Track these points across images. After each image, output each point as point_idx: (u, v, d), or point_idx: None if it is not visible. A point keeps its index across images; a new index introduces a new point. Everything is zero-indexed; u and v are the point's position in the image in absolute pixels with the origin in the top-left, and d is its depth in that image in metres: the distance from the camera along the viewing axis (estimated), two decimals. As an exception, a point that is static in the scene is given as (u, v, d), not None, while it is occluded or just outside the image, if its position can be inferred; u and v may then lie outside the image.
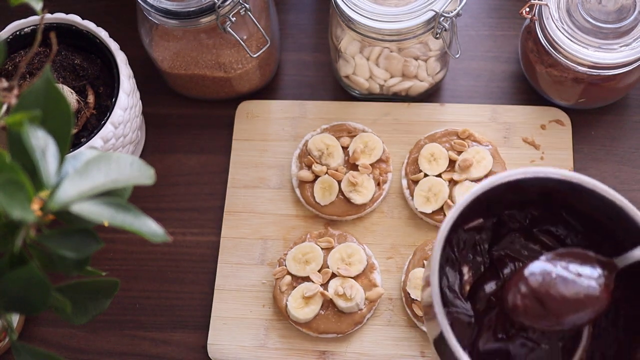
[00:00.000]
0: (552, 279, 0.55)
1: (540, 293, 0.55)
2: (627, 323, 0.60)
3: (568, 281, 0.55)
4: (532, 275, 0.56)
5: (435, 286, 0.53)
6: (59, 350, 0.74)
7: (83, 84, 0.74)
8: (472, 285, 0.64)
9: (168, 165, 0.82)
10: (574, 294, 0.55)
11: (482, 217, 0.63)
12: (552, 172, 0.57)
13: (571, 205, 0.60)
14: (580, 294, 0.55)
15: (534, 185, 0.58)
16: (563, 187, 0.57)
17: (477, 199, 0.56)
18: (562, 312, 0.55)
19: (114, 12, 0.88)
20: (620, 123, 0.79)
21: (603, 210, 0.58)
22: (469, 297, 0.63)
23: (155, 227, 0.40)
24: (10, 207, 0.36)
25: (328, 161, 0.76)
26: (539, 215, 0.63)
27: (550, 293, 0.55)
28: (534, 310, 0.55)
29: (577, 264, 0.56)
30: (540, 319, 0.55)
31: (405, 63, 0.75)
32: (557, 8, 0.71)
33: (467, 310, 0.62)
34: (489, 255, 0.65)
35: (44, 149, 0.39)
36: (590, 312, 0.55)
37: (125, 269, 0.78)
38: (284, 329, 0.73)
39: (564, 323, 0.55)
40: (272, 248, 0.76)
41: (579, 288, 0.55)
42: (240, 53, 0.76)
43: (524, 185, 0.58)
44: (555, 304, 0.55)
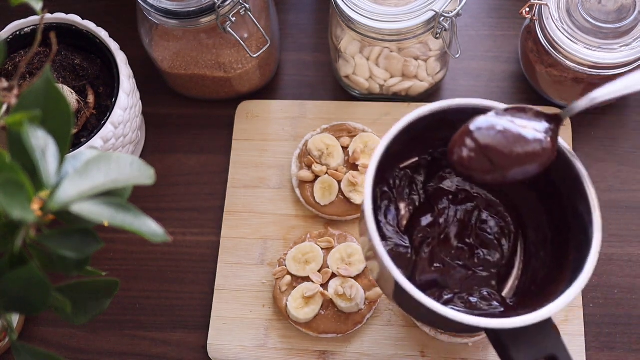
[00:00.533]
0: (498, 132, 0.55)
1: (485, 146, 0.55)
2: (553, 248, 0.63)
3: (514, 134, 0.55)
4: (477, 129, 0.55)
5: (370, 219, 0.56)
6: (59, 350, 0.74)
7: (83, 84, 0.74)
8: (409, 220, 0.67)
9: (168, 165, 0.82)
10: (520, 146, 0.54)
11: (417, 156, 0.66)
12: (472, 101, 0.59)
13: None
14: (526, 146, 0.54)
15: (460, 116, 0.58)
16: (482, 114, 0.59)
17: (404, 131, 0.59)
18: (507, 165, 0.55)
19: (114, 12, 0.88)
20: (620, 123, 0.79)
21: None
22: (406, 231, 0.67)
23: (155, 227, 0.40)
24: (10, 207, 0.36)
25: (328, 161, 0.76)
26: None
27: (495, 146, 0.54)
28: (479, 163, 0.55)
29: (523, 118, 0.56)
30: (486, 172, 0.55)
31: (405, 63, 0.75)
32: (557, 8, 0.71)
33: (405, 243, 0.65)
34: (424, 192, 0.68)
35: (44, 149, 0.39)
36: (536, 166, 0.55)
37: (125, 269, 0.78)
38: (284, 329, 0.73)
39: (510, 176, 0.55)
40: (272, 248, 0.76)
41: (525, 141, 0.54)
42: (240, 53, 0.76)
43: (451, 118, 0.59)
44: (501, 157, 0.54)
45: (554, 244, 0.63)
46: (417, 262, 0.65)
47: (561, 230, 0.62)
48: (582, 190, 0.57)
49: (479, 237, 0.67)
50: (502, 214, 0.68)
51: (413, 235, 0.66)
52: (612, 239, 0.74)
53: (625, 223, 0.75)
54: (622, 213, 0.76)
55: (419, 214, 0.67)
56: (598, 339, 0.71)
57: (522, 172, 0.55)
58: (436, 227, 0.67)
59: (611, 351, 0.70)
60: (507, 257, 0.67)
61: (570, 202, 0.60)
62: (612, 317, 0.72)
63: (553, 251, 0.63)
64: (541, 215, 0.65)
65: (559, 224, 0.62)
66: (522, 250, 0.67)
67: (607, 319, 0.72)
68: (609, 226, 0.75)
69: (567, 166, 0.58)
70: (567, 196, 0.60)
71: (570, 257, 0.59)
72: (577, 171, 0.58)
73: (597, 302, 0.72)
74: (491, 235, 0.67)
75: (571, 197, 0.59)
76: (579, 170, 0.58)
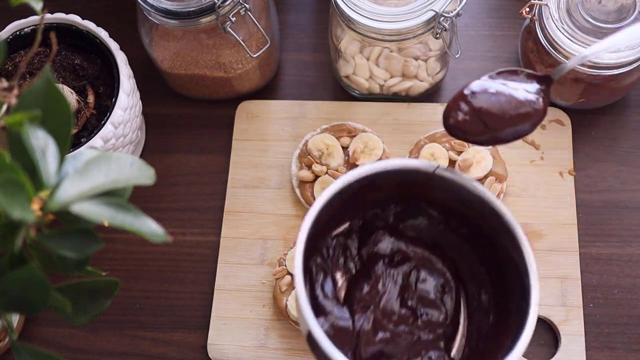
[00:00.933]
0: (491, 94, 0.56)
1: (479, 109, 0.56)
2: (494, 299, 0.62)
3: (506, 96, 0.56)
4: (471, 93, 0.57)
5: (302, 296, 0.53)
6: (59, 350, 0.74)
7: (83, 84, 0.74)
8: (346, 290, 0.65)
9: (168, 165, 0.82)
10: (513, 108, 0.56)
11: (349, 220, 0.64)
12: (398, 163, 0.59)
13: (427, 194, 0.62)
14: (519, 108, 0.56)
15: (388, 179, 0.59)
16: (413, 177, 0.59)
17: (332, 199, 0.57)
18: (501, 126, 0.56)
19: (114, 12, 0.88)
20: (620, 123, 0.79)
21: (457, 195, 0.60)
22: (345, 301, 0.64)
23: (155, 227, 0.40)
24: (10, 207, 0.36)
25: (328, 161, 0.76)
26: (401, 211, 0.65)
27: (488, 109, 0.56)
28: (473, 125, 0.57)
29: (515, 80, 0.57)
30: (480, 134, 0.57)
31: (405, 63, 0.75)
32: (557, 8, 0.71)
33: (346, 316, 0.63)
34: (359, 258, 0.66)
35: (44, 149, 0.39)
36: (528, 126, 0.56)
37: (125, 269, 0.78)
38: (284, 329, 0.73)
39: (503, 136, 0.57)
40: (272, 248, 0.76)
41: (517, 102, 0.56)
42: (240, 53, 0.76)
43: (379, 182, 0.59)
44: (495, 119, 0.56)
45: (494, 295, 0.62)
46: (360, 334, 0.62)
47: (498, 280, 0.61)
48: (515, 240, 0.57)
49: (420, 298, 0.64)
50: (440, 270, 0.66)
51: (353, 305, 0.63)
52: (612, 239, 0.74)
53: (625, 223, 0.75)
54: (622, 213, 0.76)
55: (356, 282, 0.65)
56: (598, 339, 0.71)
57: (515, 133, 0.57)
58: (375, 294, 0.64)
59: (611, 351, 0.70)
60: (450, 315, 0.64)
61: (505, 252, 0.59)
62: (612, 317, 0.72)
63: (495, 303, 0.62)
64: (478, 267, 0.64)
65: (495, 274, 0.62)
66: (464, 306, 0.65)
67: (607, 319, 0.72)
68: (609, 226, 0.75)
69: (496, 216, 0.57)
70: (500, 245, 0.59)
71: (512, 306, 0.58)
72: (507, 221, 0.57)
73: (597, 302, 0.72)
74: (432, 294, 0.65)
75: (505, 246, 0.59)
76: (509, 220, 0.57)
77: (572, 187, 0.76)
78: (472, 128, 0.57)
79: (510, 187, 0.76)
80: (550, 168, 0.76)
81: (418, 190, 0.62)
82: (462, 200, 0.60)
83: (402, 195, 0.63)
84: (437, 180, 0.59)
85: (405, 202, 0.64)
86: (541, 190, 0.76)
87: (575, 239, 0.74)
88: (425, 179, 0.60)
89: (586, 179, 0.77)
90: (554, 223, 0.74)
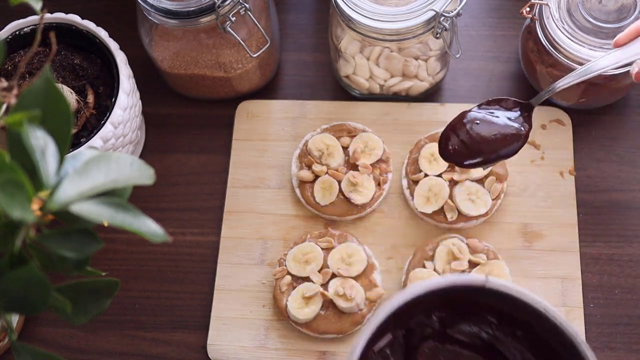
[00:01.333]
0: (482, 124, 0.66)
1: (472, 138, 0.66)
2: None
3: (495, 125, 0.67)
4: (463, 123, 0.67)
5: None
6: (59, 350, 0.74)
7: (83, 83, 0.74)
8: None
9: (168, 165, 0.81)
10: (501, 135, 0.66)
11: (390, 332, 0.58)
12: (445, 281, 0.53)
13: (476, 301, 0.56)
14: (506, 134, 0.66)
15: (433, 296, 0.54)
16: (460, 290, 0.54)
17: (385, 320, 0.52)
18: (491, 151, 0.66)
19: (114, 12, 0.88)
20: (620, 123, 0.79)
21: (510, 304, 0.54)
22: None
23: (155, 227, 0.40)
24: (10, 207, 0.36)
25: (328, 161, 0.76)
26: (446, 316, 0.59)
27: (481, 138, 0.66)
28: (467, 153, 0.66)
29: (501, 109, 0.67)
30: (473, 159, 0.67)
31: (405, 63, 0.75)
32: (558, 8, 0.71)
33: None
34: None
35: (44, 149, 0.39)
36: (515, 148, 0.66)
37: (125, 269, 0.78)
38: (284, 329, 0.73)
39: (492, 160, 0.66)
40: (272, 248, 0.76)
41: (505, 129, 0.66)
42: (240, 53, 0.76)
43: (423, 298, 0.54)
44: (485, 146, 0.66)
45: None
46: None
47: None
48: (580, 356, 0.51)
49: None
50: None
51: None
52: (612, 239, 0.74)
53: (626, 223, 0.75)
54: (622, 213, 0.75)
55: None
56: (598, 339, 0.71)
57: (501, 156, 0.66)
58: None
59: (611, 351, 0.70)
60: None
61: None
62: (612, 317, 0.72)
63: None
64: None
65: None
66: None
67: (608, 319, 0.72)
68: (609, 226, 0.75)
69: (562, 336, 0.52)
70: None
71: None
72: (572, 338, 0.51)
73: (598, 302, 0.72)
74: None
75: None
76: (574, 337, 0.51)
77: (572, 187, 0.76)
78: (466, 155, 0.66)
79: (510, 187, 0.76)
80: (550, 168, 0.76)
81: (465, 298, 0.56)
82: (516, 308, 0.54)
83: (449, 302, 0.57)
84: (488, 292, 0.54)
85: (451, 307, 0.58)
86: (541, 190, 0.76)
87: (576, 239, 0.74)
88: (474, 292, 0.55)
89: (586, 179, 0.77)
90: (554, 223, 0.74)
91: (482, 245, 0.72)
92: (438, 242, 0.73)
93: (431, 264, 0.72)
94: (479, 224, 0.75)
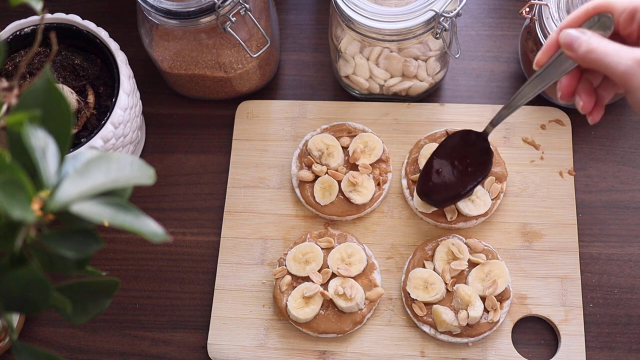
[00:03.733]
0: (452, 166, 0.72)
1: (443, 178, 0.72)
2: None
3: (463, 163, 0.72)
4: (437, 171, 0.72)
5: None
6: (59, 350, 0.74)
7: (83, 84, 0.74)
8: None
9: (168, 165, 0.82)
10: (472, 170, 0.72)
11: None
12: None
13: None
14: (476, 165, 0.71)
15: None
16: None
17: None
18: (464, 184, 0.71)
19: (114, 12, 0.88)
20: (620, 123, 0.79)
21: None
22: None
23: (155, 227, 0.40)
24: (10, 207, 0.36)
25: (328, 161, 0.76)
26: None
27: (455, 179, 0.72)
28: (442, 192, 0.72)
29: (467, 142, 0.72)
30: (454, 199, 0.72)
31: (405, 63, 0.75)
32: (557, 8, 0.71)
33: None
34: None
35: (44, 149, 0.39)
36: (485, 174, 0.71)
37: (125, 269, 0.78)
38: (284, 329, 0.73)
39: (467, 190, 0.71)
40: (272, 248, 0.76)
41: (474, 162, 0.72)
42: (240, 53, 0.76)
43: None
44: (462, 183, 0.72)
45: None
46: None
47: None
48: None
49: None
50: None
51: None
52: (612, 239, 0.75)
53: (625, 223, 0.75)
54: (622, 213, 0.76)
55: None
56: (598, 339, 0.71)
57: (476, 184, 0.71)
58: None
59: (611, 351, 0.71)
60: None
61: None
62: (612, 317, 0.72)
63: None
64: None
65: None
66: None
67: (607, 319, 0.72)
68: (608, 226, 0.75)
69: None
70: None
71: None
72: None
73: (597, 302, 0.72)
74: None
75: None
76: None
77: (572, 187, 0.76)
78: (447, 198, 0.72)
79: (510, 187, 0.76)
80: (550, 168, 0.76)
81: None
82: None
83: None
84: None
85: None
86: (541, 190, 0.76)
87: (575, 239, 0.74)
88: None
89: (586, 179, 0.77)
90: (554, 223, 0.74)
91: (482, 245, 0.72)
92: (438, 242, 0.73)
93: (431, 263, 0.72)
94: (479, 224, 0.75)
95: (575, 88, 0.61)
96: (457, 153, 0.72)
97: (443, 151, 0.73)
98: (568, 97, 0.61)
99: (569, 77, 0.60)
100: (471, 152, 0.72)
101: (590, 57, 0.56)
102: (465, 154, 0.72)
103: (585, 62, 0.56)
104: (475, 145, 0.71)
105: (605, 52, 0.55)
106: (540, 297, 0.72)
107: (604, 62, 0.55)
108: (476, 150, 0.71)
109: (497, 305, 0.69)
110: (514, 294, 0.72)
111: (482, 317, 0.69)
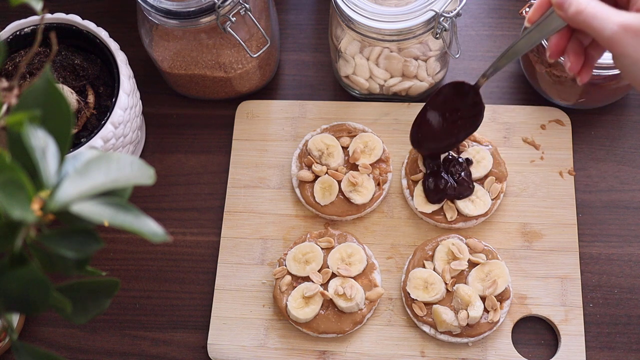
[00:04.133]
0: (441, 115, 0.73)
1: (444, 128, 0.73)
2: None
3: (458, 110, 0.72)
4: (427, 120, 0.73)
5: None
6: (59, 350, 0.74)
7: (83, 84, 0.74)
8: None
9: (168, 165, 0.82)
10: (465, 117, 0.72)
11: None
12: None
13: None
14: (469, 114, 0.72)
15: None
16: None
17: None
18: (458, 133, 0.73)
19: (114, 12, 0.88)
20: (620, 123, 0.79)
21: None
22: None
23: (155, 227, 0.40)
24: (10, 207, 0.36)
25: (328, 161, 0.76)
26: None
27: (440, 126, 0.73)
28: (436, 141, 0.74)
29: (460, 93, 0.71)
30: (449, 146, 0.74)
31: (405, 63, 0.75)
32: (557, 8, 0.71)
33: None
34: None
35: (44, 149, 0.39)
36: (477, 125, 0.72)
37: (125, 269, 0.78)
38: (284, 329, 0.73)
39: (461, 139, 0.73)
40: (272, 248, 0.76)
41: (467, 111, 0.72)
42: (240, 53, 0.76)
43: None
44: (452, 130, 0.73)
45: None
46: None
47: None
48: None
49: None
50: None
51: None
52: (612, 239, 0.75)
53: (625, 223, 0.75)
54: (622, 213, 0.76)
55: None
56: (598, 339, 0.71)
57: (469, 133, 0.73)
58: None
59: (611, 351, 0.71)
60: None
61: None
62: (612, 317, 0.72)
63: None
64: None
65: None
66: None
67: (607, 319, 0.72)
68: (609, 226, 0.75)
69: None
70: None
71: None
72: None
73: (597, 302, 0.72)
74: None
75: None
76: None
77: (572, 187, 0.76)
78: (437, 147, 0.73)
79: (510, 187, 0.76)
80: (550, 168, 0.76)
81: None
82: None
83: None
84: None
85: None
86: (541, 190, 0.76)
87: (575, 239, 0.74)
88: None
89: (586, 179, 0.77)
90: (554, 223, 0.74)
91: (482, 245, 0.72)
92: (438, 242, 0.73)
93: (431, 263, 0.72)
94: (479, 224, 0.75)
95: (565, 47, 0.60)
96: (449, 104, 0.72)
97: (435, 102, 0.72)
98: (557, 55, 0.60)
99: (558, 35, 0.60)
100: (463, 104, 0.71)
101: (579, 19, 0.55)
102: (457, 106, 0.72)
103: (573, 23, 0.56)
104: (467, 97, 0.71)
105: (594, 14, 0.54)
106: (540, 297, 0.72)
107: (591, 25, 0.54)
108: (468, 103, 0.71)
109: (497, 305, 0.69)
110: (514, 294, 0.72)
111: (482, 317, 0.69)
